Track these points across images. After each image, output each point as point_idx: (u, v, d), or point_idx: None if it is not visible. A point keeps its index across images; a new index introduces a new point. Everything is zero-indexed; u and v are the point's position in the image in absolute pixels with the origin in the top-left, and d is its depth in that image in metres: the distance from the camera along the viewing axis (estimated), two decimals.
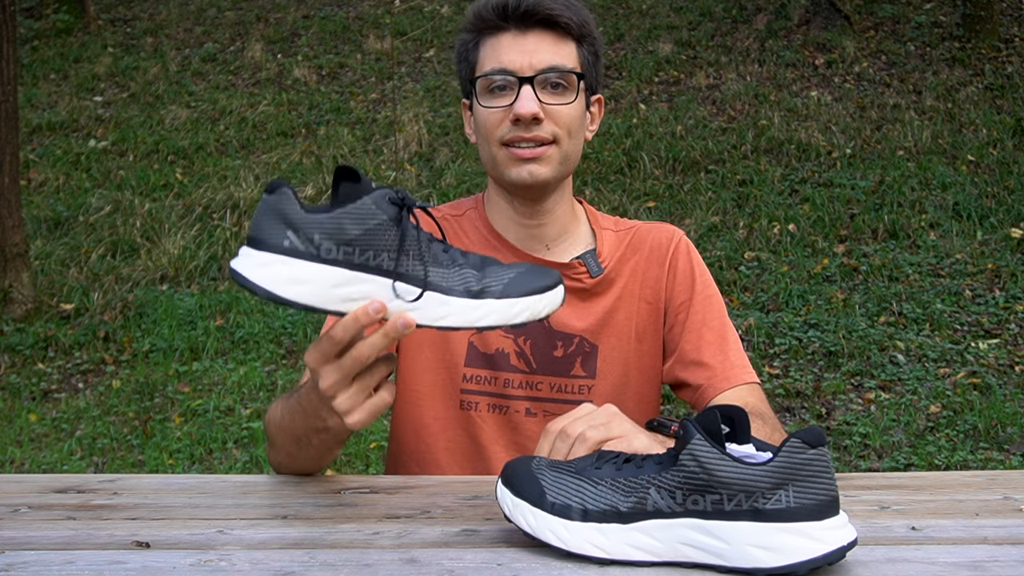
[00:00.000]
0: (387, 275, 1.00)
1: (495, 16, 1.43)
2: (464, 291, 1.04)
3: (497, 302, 1.04)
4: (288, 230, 0.98)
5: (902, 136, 6.98)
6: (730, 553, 0.94)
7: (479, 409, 1.47)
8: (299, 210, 0.98)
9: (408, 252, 1.01)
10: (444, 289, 1.03)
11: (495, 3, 1.43)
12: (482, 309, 1.04)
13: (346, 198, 1.00)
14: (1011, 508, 1.16)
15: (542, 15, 1.42)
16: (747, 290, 5.53)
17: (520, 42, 1.42)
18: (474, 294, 1.04)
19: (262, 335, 5.36)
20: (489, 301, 1.04)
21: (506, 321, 1.04)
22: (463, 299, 1.03)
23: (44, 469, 4.27)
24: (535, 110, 1.39)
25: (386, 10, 9.50)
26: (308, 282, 0.98)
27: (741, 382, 1.45)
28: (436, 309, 1.03)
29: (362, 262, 1.00)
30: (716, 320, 1.50)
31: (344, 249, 0.99)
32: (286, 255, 0.98)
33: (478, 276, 1.05)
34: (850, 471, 3.90)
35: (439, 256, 1.04)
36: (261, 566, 0.97)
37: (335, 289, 0.99)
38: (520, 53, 1.41)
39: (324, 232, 0.98)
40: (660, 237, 1.55)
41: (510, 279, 1.05)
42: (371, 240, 1.00)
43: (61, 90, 8.66)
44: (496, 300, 1.04)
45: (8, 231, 5.67)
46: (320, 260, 0.98)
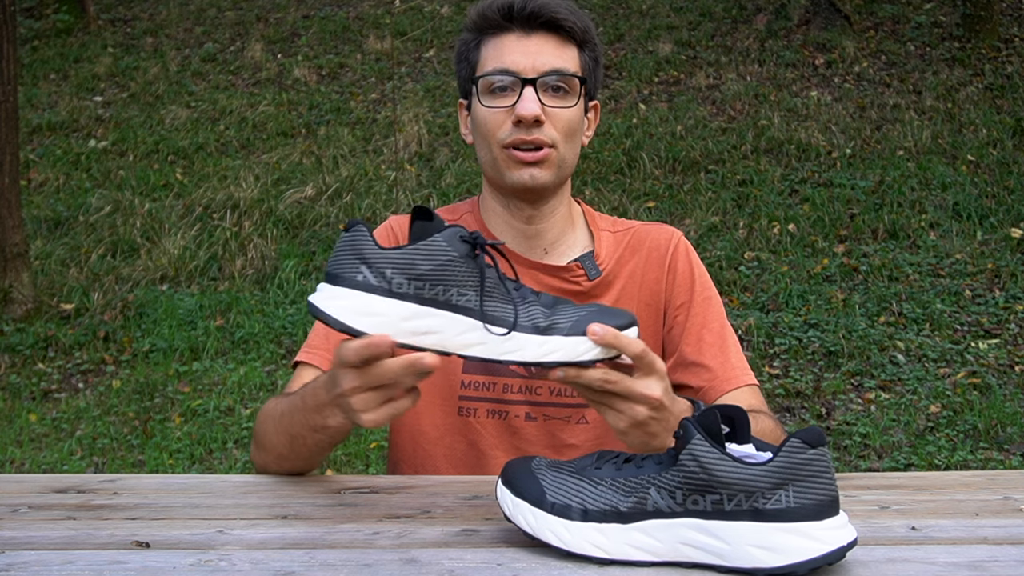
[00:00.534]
0: (461, 311, 1.04)
1: (499, 16, 1.43)
2: (532, 327, 1.06)
3: (564, 339, 1.06)
4: (362, 265, 1.03)
5: (902, 136, 6.98)
6: (730, 553, 0.94)
7: (478, 415, 1.47)
8: (373, 246, 1.03)
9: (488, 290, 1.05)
10: (510, 325, 1.06)
11: (500, 3, 1.43)
12: (549, 345, 1.06)
13: (419, 236, 1.05)
14: (1011, 508, 1.16)
15: (547, 18, 1.41)
16: (747, 290, 5.53)
17: (524, 43, 1.42)
18: (541, 330, 1.06)
19: (262, 335, 5.36)
20: (556, 338, 1.06)
21: (573, 358, 1.06)
22: (530, 335, 1.06)
23: (44, 469, 4.27)
24: (537, 112, 1.38)
25: (386, 10, 9.50)
26: (379, 315, 1.02)
27: (742, 384, 1.45)
28: (504, 344, 1.05)
29: (432, 297, 1.03)
30: (716, 322, 1.50)
31: (415, 284, 1.03)
32: (360, 289, 1.02)
33: (547, 313, 1.07)
34: (850, 471, 3.90)
35: (509, 292, 1.07)
36: (261, 566, 0.97)
37: (405, 322, 1.03)
38: (523, 54, 1.41)
39: (396, 267, 1.02)
40: (659, 238, 1.55)
41: (579, 317, 1.07)
42: (441, 276, 1.03)
43: (61, 90, 8.66)
44: (563, 337, 1.06)
45: (8, 231, 5.67)
46: (392, 295, 1.02)
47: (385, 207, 6.56)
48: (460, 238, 1.05)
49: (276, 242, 6.32)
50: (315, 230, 6.44)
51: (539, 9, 1.41)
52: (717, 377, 1.45)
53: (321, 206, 6.63)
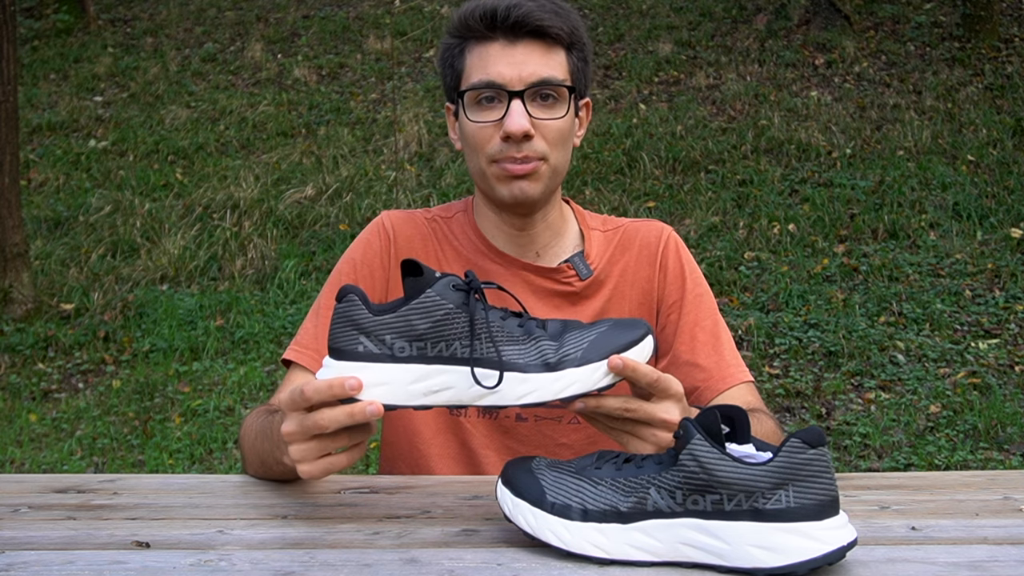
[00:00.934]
0: (463, 363, 1.02)
1: (482, 26, 1.38)
2: (541, 365, 1.03)
3: (578, 370, 1.04)
4: (360, 335, 1.02)
5: (902, 136, 6.98)
6: (730, 553, 0.94)
7: (469, 415, 1.47)
8: (367, 314, 1.01)
9: (480, 336, 1.02)
10: (521, 366, 1.03)
11: (482, 11, 1.37)
12: (563, 380, 1.04)
13: (411, 293, 1.03)
14: (1011, 508, 1.16)
15: (532, 26, 1.36)
16: (747, 290, 5.53)
17: (509, 53, 1.37)
18: (552, 366, 1.04)
19: (262, 335, 5.36)
20: (570, 371, 1.04)
21: (590, 388, 1.04)
22: (541, 374, 1.03)
23: (44, 469, 4.27)
24: (526, 127, 1.35)
25: (386, 10, 9.49)
26: (387, 383, 1.01)
27: (737, 382, 1.45)
28: (516, 388, 1.03)
29: (436, 354, 1.02)
30: (708, 320, 1.49)
31: (416, 345, 1.02)
32: (363, 361, 1.02)
33: (555, 346, 1.05)
34: (850, 471, 3.90)
35: (514, 332, 1.05)
36: (261, 566, 0.97)
37: (414, 385, 1.02)
38: (509, 65, 1.36)
39: (394, 332, 1.01)
40: (648, 235, 1.53)
41: (590, 342, 1.05)
42: (441, 331, 1.02)
43: (61, 90, 8.66)
44: (576, 368, 1.04)
45: (8, 231, 5.67)
46: (395, 360, 1.01)
47: (385, 207, 6.56)
48: (453, 287, 1.03)
49: (276, 242, 6.32)
50: (315, 230, 6.44)
51: (523, 18, 1.36)
52: (712, 376, 1.45)
53: (321, 206, 6.63)
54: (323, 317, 1.47)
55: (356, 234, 6.54)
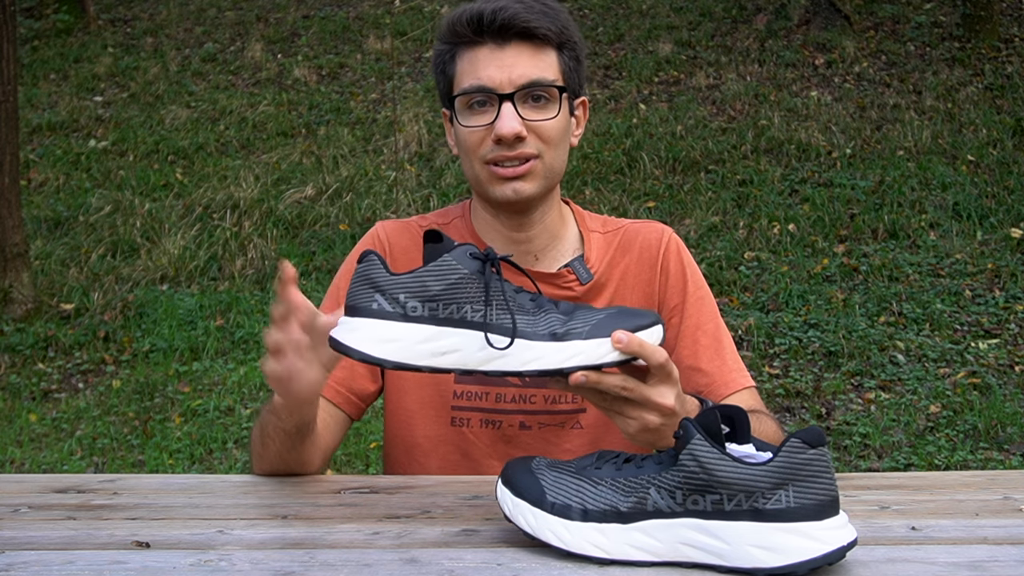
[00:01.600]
0: (476, 327, 1.04)
1: (470, 30, 1.37)
2: (548, 335, 1.06)
3: (583, 343, 1.06)
4: (376, 294, 1.05)
5: (902, 136, 6.98)
6: (730, 553, 0.94)
7: (471, 425, 1.46)
8: (385, 273, 1.05)
9: (493, 302, 1.05)
10: (529, 335, 1.06)
11: (469, 16, 1.37)
12: (568, 351, 1.06)
13: (429, 258, 1.06)
14: (1011, 508, 1.16)
15: (519, 27, 1.36)
16: (747, 290, 5.53)
17: (498, 56, 1.36)
18: (558, 337, 1.06)
19: (262, 335, 5.35)
20: (575, 342, 1.06)
21: (594, 361, 1.06)
22: (548, 342, 1.06)
23: (44, 469, 4.27)
24: (517, 129, 1.35)
25: (386, 10, 9.49)
26: (397, 340, 1.04)
27: (740, 387, 1.44)
28: (523, 354, 1.05)
29: (447, 316, 1.04)
30: (710, 323, 1.48)
31: (428, 306, 1.04)
32: (375, 318, 1.04)
33: (564, 320, 1.07)
34: (850, 471, 3.90)
35: (525, 305, 1.07)
36: (261, 566, 0.97)
37: (422, 345, 1.04)
38: (498, 68, 1.36)
39: (409, 291, 1.04)
40: (649, 237, 1.52)
41: (599, 320, 1.07)
42: (454, 294, 1.04)
43: (61, 90, 8.66)
44: (582, 341, 1.06)
45: (8, 231, 5.67)
46: (407, 319, 1.04)
47: (385, 207, 6.56)
48: (470, 255, 1.06)
49: (276, 242, 6.32)
50: (315, 230, 6.44)
51: (510, 20, 1.35)
52: (715, 382, 1.44)
53: (321, 206, 6.63)
54: None
55: (356, 234, 6.49)
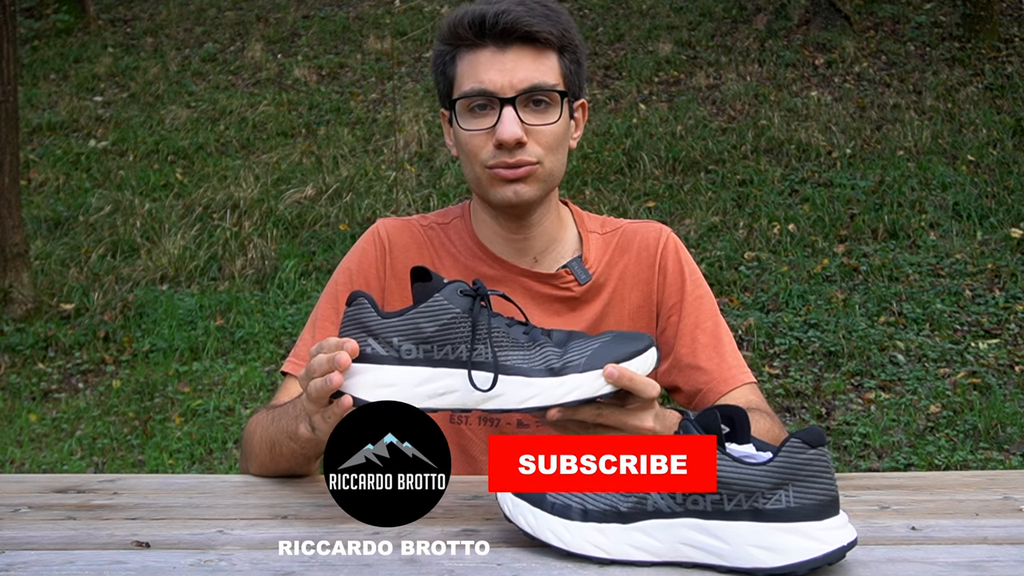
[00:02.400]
0: (463, 366, 1.04)
1: (471, 33, 1.37)
2: (545, 370, 1.06)
3: (581, 376, 1.06)
4: (369, 337, 1.04)
5: (902, 136, 6.98)
6: (730, 553, 0.94)
7: (470, 422, 1.46)
8: (376, 316, 1.04)
9: (482, 340, 1.04)
10: (525, 371, 1.05)
11: (471, 19, 1.36)
12: (566, 385, 1.05)
13: (420, 298, 1.05)
14: (1011, 508, 1.16)
15: (521, 31, 1.35)
16: (747, 290, 5.53)
17: (499, 60, 1.36)
18: (556, 372, 1.05)
19: (262, 335, 5.36)
20: (573, 376, 1.05)
21: (592, 393, 1.06)
22: (545, 378, 1.05)
23: (44, 469, 4.27)
24: (518, 135, 1.34)
25: (386, 10, 9.49)
26: (393, 384, 1.04)
27: (739, 383, 1.44)
28: (520, 392, 1.05)
29: (441, 357, 1.04)
30: (709, 321, 1.48)
31: (423, 348, 1.04)
32: (370, 363, 1.04)
33: (559, 352, 1.06)
34: (850, 471, 3.90)
35: (519, 339, 1.06)
36: (261, 566, 0.97)
37: (419, 387, 1.04)
38: (500, 72, 1.35)
39: (402, 335, 1.04)
40: (647, 237, 1.52)
41: (593, 351, 1.07)
42: (447, 335, 1.04)
43: (61, 90, 8.66)
44: (580, 374, 1.05)
45: (8, 231, 5.67)
46: (401, 362, 1.04)
47: (385, 207, 6.56)
48: (460, 292, 1.05)
49: (276, 242, 6.32)
50: (315, 230, 6.44)
51: (512, 23, 1.34)
52: (714, 379, 1.44)
53: (321, 206, 6.63)
54: (320, 329, 1.48)
55: (356, 234, 6.48)
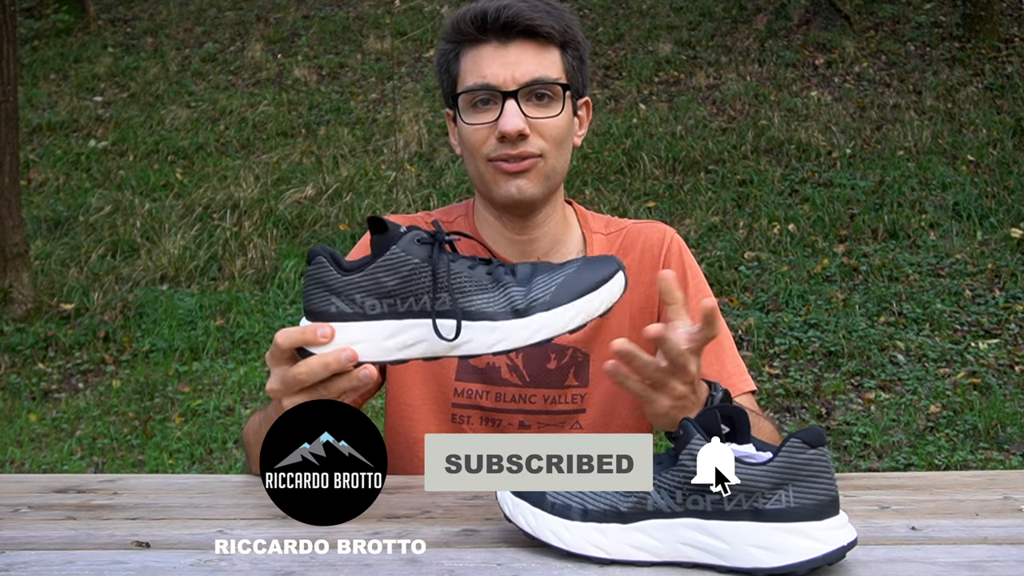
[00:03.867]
0: (428, 315, 1.02)
1: (474, 28, 1.38)
2: (510, 311, 1.03)
3: (546, 314, 1.03)
4: (331, 296, 1.03)
5: (902, 136, 6.98)
6: (730, 553, 0.94)
7: (471, 423, 1.46)
8: (336, 275, 1.03)
9: (444, 288, 1.02)
10: (490, 315, 1.03)
11: (473, 14, 1.37)
12: (532, 325, 1.04)
13: (378, 251, 1.03)
14: (1011, 508, 1.16)
15: (523, 26, 1.36)
16: (747, 290, 5.53)
17: (502, 54, 1.37)
18: (520, 312, 1.03)
19: (262, 335, 5.36)
20: (539, 316, 1.03)
21: (559, 330, 1.04)
22: (510, 320, 1.03)
23: (44, 469, 4.27)
24: (520, 126, 1.35)
25: (386, 10, 9.49)
26: (362, 341, 1.03)
27: (738, 392, 1.44)
28: (487, 336, 1.03)
29: (406, 309, 1.03)
30: None
31: (386, 302, 1.03)
32: (336, 320, 1.03)
33: (523, 292, 1.04)
34: (850, 471, 3.90)
35: (482, 280, 1.04)
36: (261, 566, 0.97)
37: (388, 341, 1.03)
38: (502, 66, 1.36)
39: (364, 290, 1.02)
40: (652, 238, 1.52)
41: (558, 285, 1.04)
42: (408, 287, 1.02)
43: (61, 90, 8.66)
44: (545, 312, 1.03)
45: (8, 231, 5.67)
46: (367, 318, 1.03)
47: (385, 207, 6.56)
48: (418, 241, 1.03)
49: (276, 242, 6.32)
50: (315, 230, 6.44)
51: (514, 18, 1.36)
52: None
53: (321, 206, 6.63)
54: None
55: (356, 234, 6.48)
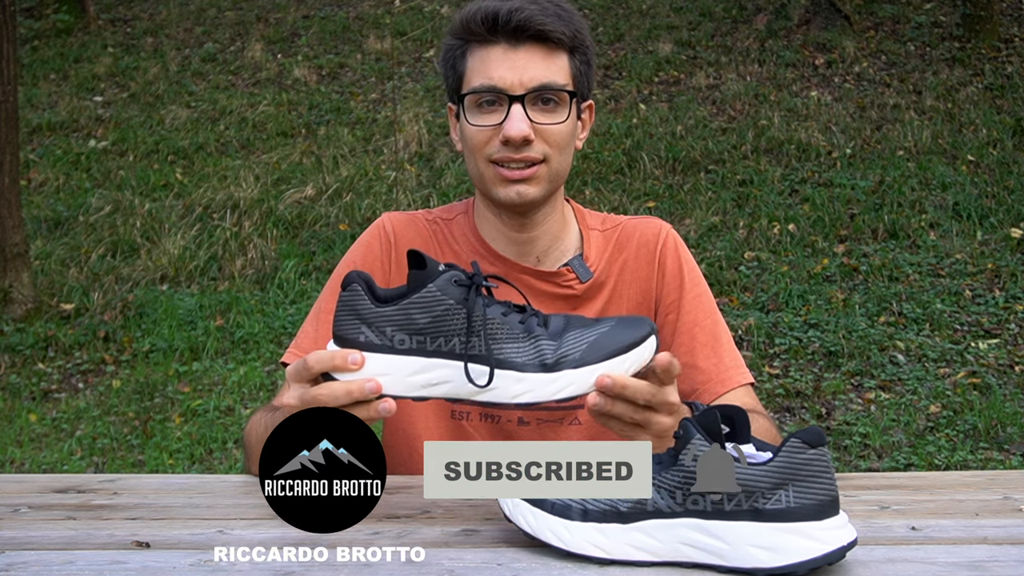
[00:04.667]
0: (459, 358, 1.02)
1: (484, 29, 1.37)
2: (539, 365, 1.03)
3: (574, 372, 1.03)
4: (362, 325, 1.03)
5: (902, 136, 6.98)
6: (730, 553, 0.94)
7: (471, 419, 1.46)
8: (370, 305, 1.03)
9: (478, 333, 1.02)
10: (518, 365, 1.03)
11: (484, 14, 1.36)
12: (559, 382, 1.03)
13: (414, 286, 1.03)
14: (1011, 508, 1.16)
15: (534, 30, 1.35)
16: (747, 290, 5.53)
17: (510, 57, 1.36)
18: (548, 367, 1.03)
19: (262, 335, 5.36)
20: (567, 373, 1.03)
21: (585, 390, 1.04)
22: (537, 374, 1.03)
23: (44, 469, 4.27)
24: (526, 132, 1.34)
25: (386, 10, 9.49)
26: (387, 374, 1.03)
27: (736, 384, 1.44)
28: (512, 387, 1.03)
29: (435, 348, 1.03)
30: (707, 319, 1.48)
31: (416, 339, 1.02)
32: (364, 350, 1.03)
33: (554, 346, 1.04)
34: (850, 471, 3.90)
35: (514, 328, 1.04)
36: (261, 566, 0.97)
37: (413, 377, 1.03)
38: (510, 69, 1.35)
39: (395, 324, 1.02)
40: (647, 233, 1.52)
41: (590, 344, 1.04)
42: (440, 327, 1.02)
43: (61, 90, 8.66)
44: (573, 370, 1.03)
45: (8, 231, 5.67)
46: (395, 351, 1.03)
47: (385, 207, 6.56)
48: (455, 282, 1.03)
49: (276, 242, 6.32)
50: (315, 230, 6.44)
51: (525, 22, 1.35)
52: (711, 379, 1.44)
53: (321, 206, 6.63)
54: (323, 321, 1.46)
55: (356, 234, 6.50)
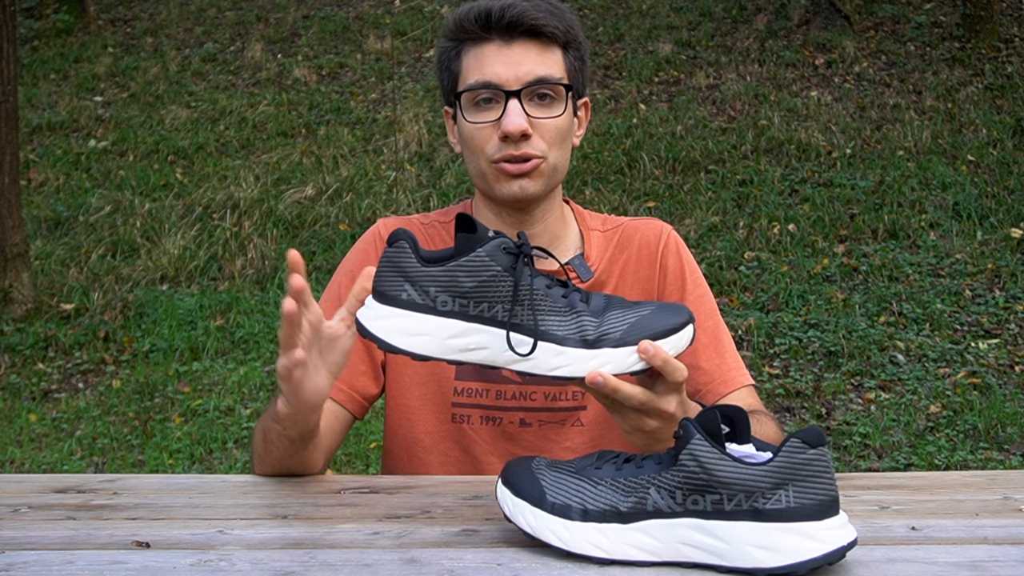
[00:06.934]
0: (501, 326, 1.02)
1: (477, 27, 1.38)
2: (579, 340, 1.04)
3: (614, 351, 1.04)
4: (406, 283, 1.03)
5: (902, 136, 6.98)
6: (730, 553, 0.94)
7: (472, 421, 1.46)
8: (416, 263, 1.02)
9: (522, 302, 1.02)
10: (559, 339, 1.03)
11: (477, 13, 1.38)
12: (598, 359, 1.04)
13: (462, 249, 1.03)
14: (1011, 508, 1.16)
15: (527, 25, 1.37)
16: (747, 290, 5.53)
17: (505, 53, 1.37)
18: (589, 343, 1.03)
19: (262, 335, 5.36)
20: (606, 351, 1.03)
21: (623, 370, 1.04)
22: (578, 349, 1.03)
23: (44, 469, 4.27)
24: (523, 126, 1.35)
25: (386, 10, 9.49)
26: (425, 334, 1.03)
27: (738, 386, 1.44)
28: (551, 360, 1.03)
29: (477, 313, 1.02)
30: (709, 320, 1.48)
31: (459, 301, 1.02)
32: (405, 308, 1.03)
33: (596, 323, 1.04)
34: (850, 471, 3.90)
35: (557, 302, 1.04)
36: (261, 566, 0.97)
37: (451, 340, 1.03)
38: (505, 65, 1.37)
39: (439, 285, 1.02)
40: (648, 233, 1.52)
41: (630, 324, 1.04)
42: (485, 292, 1.02)
43: (61, 90, 8.66)
44: (613, 349, 1.04)
45: (8, 231, 5.66)
46: (436, 312, 1.02)
47: (385, 207, 6.56)
48: (503, 249, 1.03)
49: (276, 242, 6.32)
50: (315, 230, 6.44)
51: (518, 17, 1.36)
52: (714, 380, 1.44)
53: (321, 206, 6.63)
54: None
55: (356, 234, 6.48)
